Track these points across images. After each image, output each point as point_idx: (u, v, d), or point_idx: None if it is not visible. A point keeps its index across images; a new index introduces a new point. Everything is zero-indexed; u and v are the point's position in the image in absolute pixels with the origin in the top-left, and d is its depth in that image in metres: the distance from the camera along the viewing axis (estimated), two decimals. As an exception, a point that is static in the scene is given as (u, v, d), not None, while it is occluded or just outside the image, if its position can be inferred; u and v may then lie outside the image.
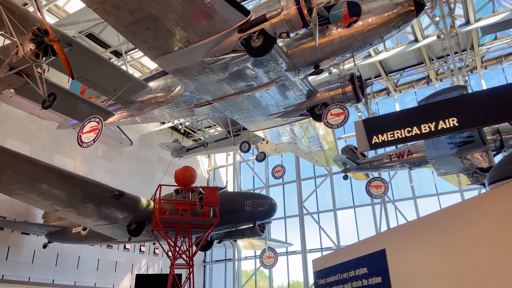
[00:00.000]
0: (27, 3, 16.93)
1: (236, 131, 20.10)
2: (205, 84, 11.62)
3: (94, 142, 9.16)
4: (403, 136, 8.30)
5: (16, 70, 9.06)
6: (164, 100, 13.30)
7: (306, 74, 11.63)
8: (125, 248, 21.89)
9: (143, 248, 22.93)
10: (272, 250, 16.21)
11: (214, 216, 11.42)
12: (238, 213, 12.91)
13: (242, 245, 21.88)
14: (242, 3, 14.46)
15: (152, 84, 13.47)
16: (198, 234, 12.36)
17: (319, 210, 24.46)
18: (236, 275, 25.96)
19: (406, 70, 22.62)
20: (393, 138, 8.39)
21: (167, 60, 10.47)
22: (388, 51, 20.01)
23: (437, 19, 14.85)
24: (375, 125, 8.69)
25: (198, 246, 11.96)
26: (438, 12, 15.08)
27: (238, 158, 29.15)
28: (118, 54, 20.24)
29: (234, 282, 25.70)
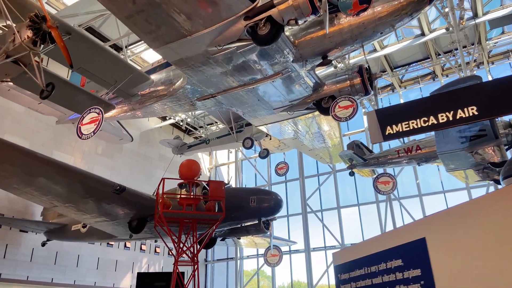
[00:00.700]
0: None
1: (238, 128, 19.74)
2: (208, 76, 11.22)
3: (94, 133, 8.77)
4: (419, 126, 7.93)
5: (12, 58, 8.66)
6: (166, 93, 12.91)
7: (313, 65, 11.25)
8: (125, 246, 21.51)
9: (144, 246, 22.54)
10: (276, 248, 15.84)
11: (220, 211, 11.03)
12: (243, 209, 12.51)
13: (244, 243, 21.51)
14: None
15: (153, 77, 13.10)
16: (201, 231, 11.97)
17: (323, 208, 24.06)
18: (238, 274, 25.57)
19: (412, 65, 22.24)
20: (408, 129, 8.01)
21: (170, 50, 10.07)
22: (394, 45, 19.64)
23: (446, 10, 14.44)
24: (389, 115, 8.30)
25: (202, 243, 11.56)
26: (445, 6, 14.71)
27: (240, 156, 28.76)
28: (118, 48, 19.84)
29: (236, 282, 25.30)
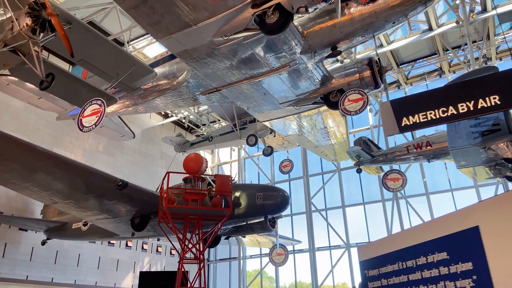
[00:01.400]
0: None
1: (242, 124, 19.39)
2: (213, 68, 10.85)
3: (96, 125, 8.42)
4: (438, 117, 7.54)
5: (10, 47, 8.30)
6: (169, 87, 12.56)
7: (322, 57, 10.88)
8: (127, 246, 21.14)
9: (146, 246, 22.17)
10: (282, 247, 15.45)
11: (227, 206, 10.64)
12: (249, 206, 12.12)
13: (247, 242, 21.13)
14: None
15: (156, 70, 12.74)
16: (206, 229, 11.57)
17: (327, 207, 23.68)
18: (241, 274, 25.18)
19: (418, 61, 21.87)
20: (425, 120, 7.62)
21: (174, 40, 9.70)
22: (400, 41, 19.27)
23: (457, 1, 14.06)
24: (405, 105, 7.93)
25: (208, 241, 11.15)
26: None
27: (242, 154, 28.38)
28: (119, 44, 19.46)
29: (239, 282, 24.91)
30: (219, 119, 26.23)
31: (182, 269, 9.87)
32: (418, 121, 7.57)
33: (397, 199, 20.51)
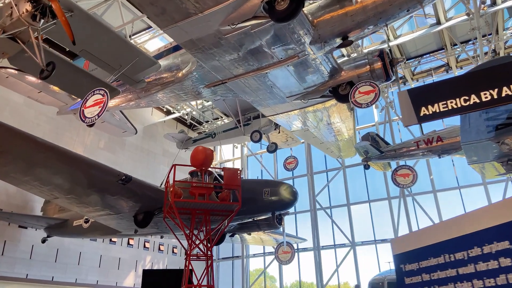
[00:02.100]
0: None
1: (246, 121, 19.06)
2: (219, 59, 10.47)
3: (98, 116, 8.05)
4: (459, 106, 7.15)
5: (9, 33, 7.94)
6: (173, 79, 12.20)
7: (332, 48, 10.50)
8: (128, 244, 20.79)
9: (148, 244, 21.82)
10: (289, 245, 15.08)
11: (235, 201, 10.26)
12: (256, 202, 11.72)
13: (250, 240, 20.77)
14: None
15: (160, 62, 12.38)
16: (212, 225, 11.17)
17: (332, 205, 23.31)
18: (245, 273, 24.81)
19: (424, 57, 21.50)
20: (446, 109, 7.23)
21: (180, 29, 9.34)
22: (407, 35, 18.92)
23: (469, -7, 13.70)
24: (424, 94, 7.54)
25: (215, 237, 10.77)
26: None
27: (245, 152, 28.01)
28: (121, 38, 19.11)
29: (243, 281, 24.54)
30: (222, 116, 25.88)
31: (190, 266, 9.48)
32: (438, 110, 7.20)
33: (404, 197, 20.13)
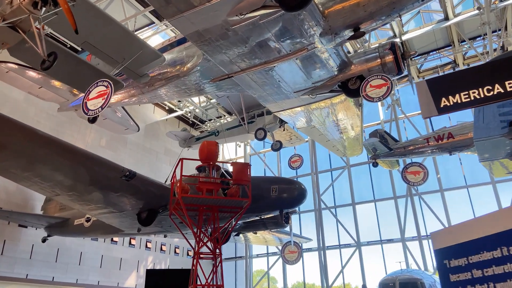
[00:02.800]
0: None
1: (250, 118, 18.76)
2: (226, 52, 10.13)
3: (102, 108, 7.71)
4: (482, 96, 6.83)
5: (9, 21, 7.61)
6: (178, 73, 11.87)
7: (343, 40, 10.17)
8: (130, 244, 20.43)
9: (150, 244, 21.46)
10: (296, 244, 14.72)
11: (245, 196, 9.90)
12: (263, 199, 11.38)
13: (253, 240, 20.42)
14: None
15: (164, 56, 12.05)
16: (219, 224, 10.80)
17: (337, 205, 22.96)
18: (248, 274, 24.44)
19: (431, 53, 21.18)
20: (468, 100, 6.90)
21: (186, 20, 9.01)
22: (415, 31, 18.61)
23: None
24: (444, 84, 7.21)
25: (223, 236, 10.42)
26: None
27: (248, 150, 27.67)
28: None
29: (246, 282, 24.16)
30: (225, 115, 25.56)
31: (198, 265, 9.10)
32: (459, 101, 6.87)
33: (411, 196, 19.77)
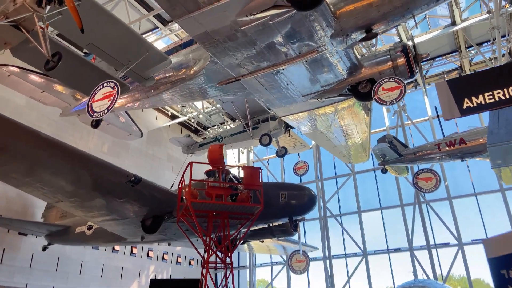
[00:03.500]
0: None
1: (254, 124, 18.48)
2: (234, 54, 9.87)
3: (108, 110, 7.42)
4: (508, 97, 6.58)
5: (12, 20, 7.34)
6: (184, 77, 11.60)
7: (355, 42, 9.91)
8: (131, 253, 20.00)
9: (151, 253, 21.02)
10: (304, 253, 14.31)
11: (256, 202, 9.52)
12: (272, 206, 10.98)
13: (256, 249, 20.00)
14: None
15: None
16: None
17: (342, 213, 22.55)
18: (252, 284, 23.94)
19: (436, 59, 21.00)
20: (493, 100, 6.63)
21: (194, 20, 8.76)
22: (421, 36, 18.42)
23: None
24: (466, 85, 6.94)
25: (234, 244, 10.01)
26: None
27: (251, 157, 27.34)
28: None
29: (250, 291, 23.69)
30: (228, 121, 25.30)
31: (208, 274, 8.69)
32: (483, 102, 6.60)
33: (419, 204, 19.37)
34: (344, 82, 11.27)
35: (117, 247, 19.00)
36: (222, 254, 9.33)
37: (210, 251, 9.11)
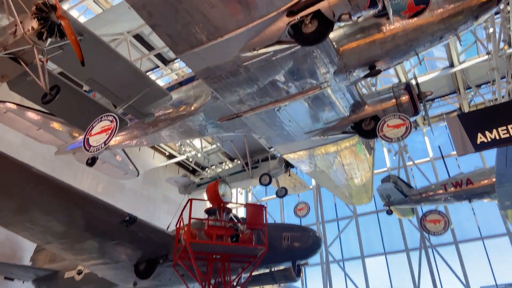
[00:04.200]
0: None
1: (254, 163, 18.19)
2: (237, 89, 9.72)
3: (105, 144, 7.08)
4: (523, 131, 6.32)
5: (11, 51, 7.17)
6: (185, 113, 11.39)
7: (358, 78, 9.82)
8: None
9: (144, 300, 19.81)
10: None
11: (260, 243, 8.90)
12: (274, 248, 10.32)
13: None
14: None
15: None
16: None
17: (345, 257, 21.65)
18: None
19: (435, 100, 21.10)
20: (507, 135, 6.38)
21: (196, 55, 8.66)
22: (420, 77, 18.55)
23: (490, 30, 13.36)
24: (479, 119, 6.71)
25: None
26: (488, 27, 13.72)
27: (250, 198, 26.72)
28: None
29: None
30: (226, 161, 24.95)
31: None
32: (497, 137, 6.33)
33: (426, 248, 18.60)
34: (347, 119, 11.10)
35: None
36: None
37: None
